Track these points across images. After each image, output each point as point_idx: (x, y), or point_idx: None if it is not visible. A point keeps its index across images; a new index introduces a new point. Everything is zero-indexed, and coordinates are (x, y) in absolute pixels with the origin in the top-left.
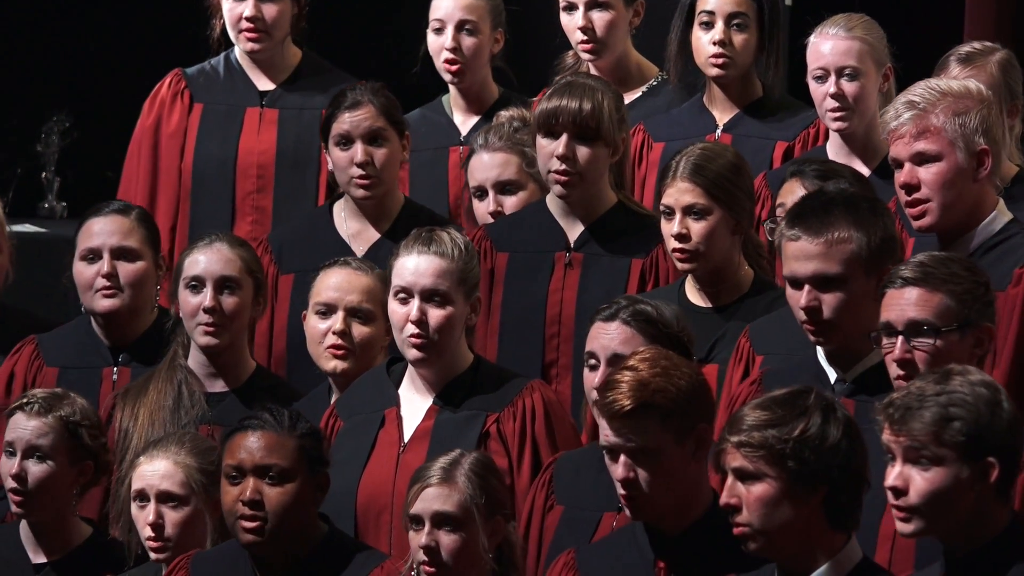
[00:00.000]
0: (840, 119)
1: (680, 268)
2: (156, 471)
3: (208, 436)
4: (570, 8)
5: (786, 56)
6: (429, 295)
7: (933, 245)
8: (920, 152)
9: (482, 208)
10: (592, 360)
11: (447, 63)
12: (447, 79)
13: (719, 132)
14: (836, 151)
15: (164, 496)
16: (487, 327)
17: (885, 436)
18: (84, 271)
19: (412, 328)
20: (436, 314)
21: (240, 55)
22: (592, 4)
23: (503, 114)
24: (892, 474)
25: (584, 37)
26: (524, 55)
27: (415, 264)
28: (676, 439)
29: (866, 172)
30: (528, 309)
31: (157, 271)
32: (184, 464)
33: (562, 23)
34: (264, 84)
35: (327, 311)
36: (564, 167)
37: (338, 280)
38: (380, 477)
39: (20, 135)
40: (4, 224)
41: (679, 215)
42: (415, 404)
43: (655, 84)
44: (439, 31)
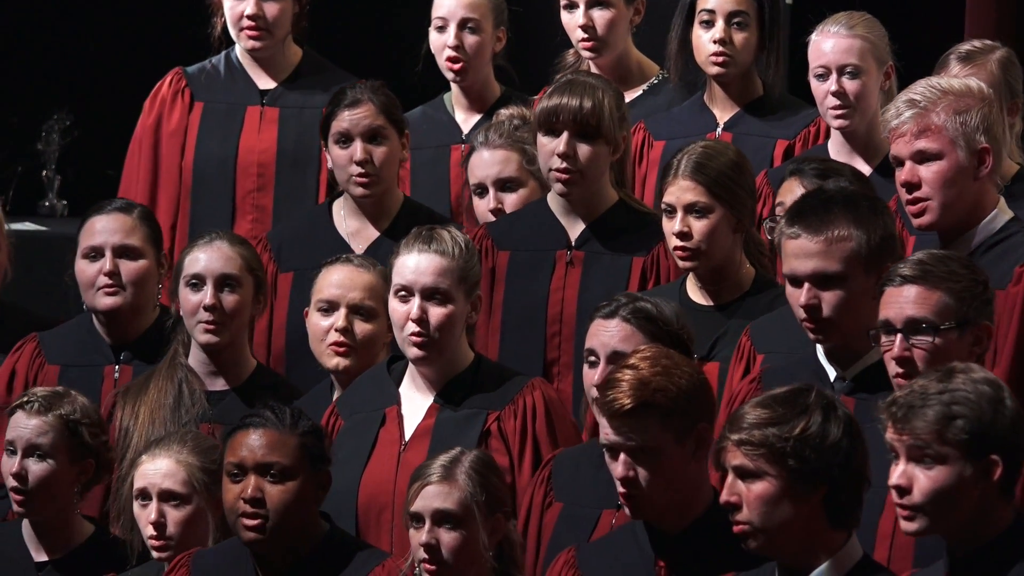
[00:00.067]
0: (841, 117)
1: (681, 266)
2: (158, 470)
3: (209, 434)
4: (571, 6)
5: (787, 54)
6: (430, 293)
7: (934, 243)
8: (921, 150)
9: (482, 205)
10: (592, 357)
11: (450, 61)
12: (449, 77)
13: (719, 131)
14: (837, 149)
15: (166, 495)
16: (488, 326)
17: (888, 435)
18: (86, 269)
19: (413, 326)
20: (437, 312)
21: (241, 54)
22: (593, 2)
23: (503, 112)
24: (896, 473)
25: (585, 35)
26: (525, 53)
27: (415, 262)
28: (676, 438)
29: (867, 170)
30: (529, 308)
31: (159, 269)
32: (186, 463)
33: (563, 21)
34: (265, 83)
35: (329, 308)
36: (565, 165)
37: (340, 277)
38: (381, 476)
39: (21, 133)
40: (2, 222)
41: (681, 213)
42: (416, 402)
43: (656, 82)
44: (442, 29)
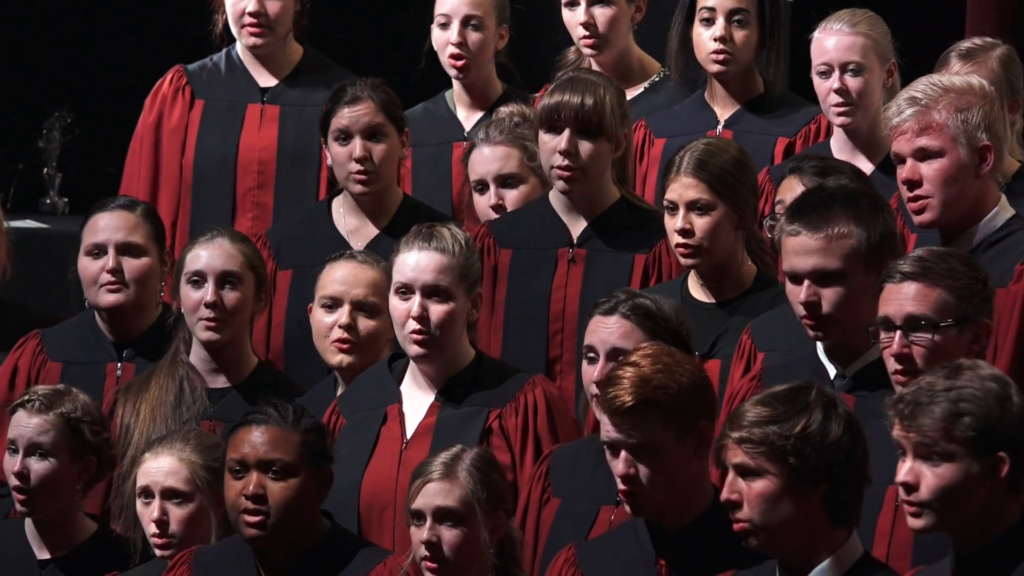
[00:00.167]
0: (844, 114)
1: (683, 263)
2: (161, 468)
3: (210, 432)
4: (572, 4)
5: (787, 52)
6: (430, 291)
7: (935, 241)
8: (922, 148)
9: (483, 202)
10: (591, 354)
11: (452, 58)
12: (452, 74)
13: (720, 128)
14: (840, 147)
15: (169, 493)
16: (491, 324)
17: (895, 432)
18: (89, 266)
19: (413, 324)
20: (437, 310)
21: (242, 51)
22: (594, 0)
23: (503, 109)
24: (903, 470)
25: (586, 33)
26: (527, 51)
27: (416, 260)
28: (677, 436)
29: (869, 168)
30: (531, 306)
31: (162, 267)
32: (189, 461)
33: (564, 19)
34: (265, 80)
35: (333, 304)
36: (567, 162)
37: (344, 273)
38: (383, 474)
39: (22, 131)
40: (1, 220)
41: (682, 210)
42: (417, 400)
43: (657, 80)
44: (444, 26)
